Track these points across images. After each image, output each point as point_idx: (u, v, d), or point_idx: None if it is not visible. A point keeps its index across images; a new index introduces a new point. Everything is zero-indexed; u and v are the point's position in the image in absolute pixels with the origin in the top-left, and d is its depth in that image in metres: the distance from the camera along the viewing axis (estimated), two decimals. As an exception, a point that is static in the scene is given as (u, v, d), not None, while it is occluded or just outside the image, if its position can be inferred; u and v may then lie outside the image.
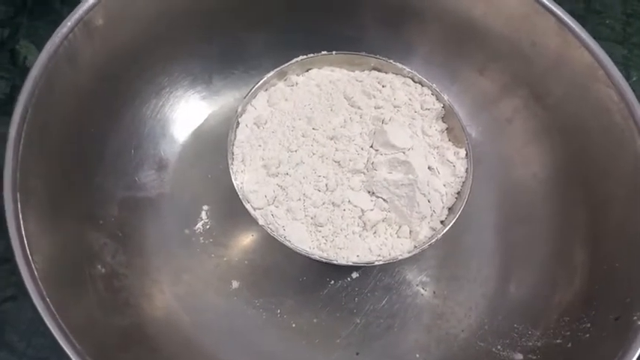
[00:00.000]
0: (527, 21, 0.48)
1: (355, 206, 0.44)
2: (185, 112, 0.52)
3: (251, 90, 0.46)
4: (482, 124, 0.53)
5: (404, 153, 0.44)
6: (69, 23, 0.41)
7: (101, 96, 0.45)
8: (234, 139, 0.46)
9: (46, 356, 0.46)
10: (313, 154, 0.45)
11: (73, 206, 0.43)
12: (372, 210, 0.44)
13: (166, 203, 0.49)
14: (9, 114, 0.52)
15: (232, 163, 0.45)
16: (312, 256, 0.43)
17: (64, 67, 0.41)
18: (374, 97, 0.47)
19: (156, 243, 0.48)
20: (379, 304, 0.48)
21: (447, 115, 0.48)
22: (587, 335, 0.40)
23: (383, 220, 0.44)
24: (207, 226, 0.49)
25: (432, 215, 0.44)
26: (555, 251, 0.47)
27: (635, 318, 0.37)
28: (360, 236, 0.44)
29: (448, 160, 0.46)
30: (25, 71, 0.55)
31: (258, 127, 0.46)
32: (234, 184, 0.44)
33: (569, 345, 0.41)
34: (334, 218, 0.43)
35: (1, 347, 0.46)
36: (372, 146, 0.45)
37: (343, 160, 0.44)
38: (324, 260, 0.43)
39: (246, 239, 0.50)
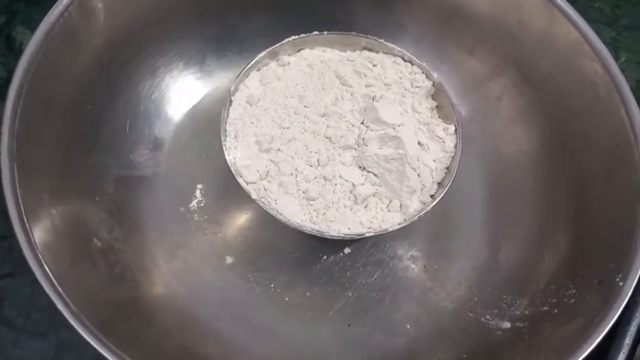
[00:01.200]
0: (514, 0, 0.49)
1: (346, 181, 0.45)
2: (180, 93, 0.52)
3: (243, 69, 0.47)
4: (472, 102, 0.54)
5: (394, 129, 0.45)
6: (64, 2, 0.42)
7: (97, 74, 0.46)
8: (227, 117, 0.46)
9: (45, 331, 0.47)
10: (305, 130, 0.46)
11: (70, 182, 0.44)
12: (362, 184, 0.45)
13: (161, 182, 0.50)
14: (6, 98, 0.54)
15: (225, 140, 0.46)
16: (304, 229, 0.44)
17: (59, 45, 0.42)
18: (365, 75, 0.48)
19: (151, 220, 0.49)
20: (371, 278, 0.49)
21: (437, 93, 0.48)
22: (573, 300, 0.41)
23: (374, 195, 0.45)
24: (202, 204, 0.50)
25: (422, 189, 0.45)
26: (542, 223, 0.47)
27: (617, 280, 0.38)
28: (351, 210, 0.45)
29: (438, 136, 0.47)
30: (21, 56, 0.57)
31: (251, 106, 0.47)
32: (227, 159, 0.45)
33: (555, 311, 0.42)
34: (326, 192, 0.44)
35: (0, 323, 0.47)
36: (362, 123, 0.46)
37: (334, 137, 0.45)
38: (315, 233, 0.43)
39: (240, 217, 0.50)
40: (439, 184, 0.46)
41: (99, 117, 0.47)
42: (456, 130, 0.47)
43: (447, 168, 0.46)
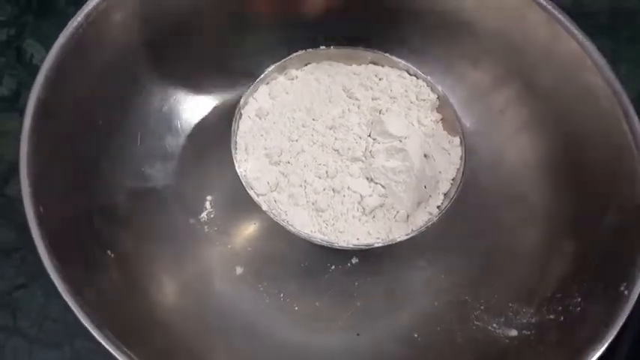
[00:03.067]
0: (518, 14, 0.49)
1: (354, 192, 0.46)
2: (190, 106, 0.53)
3: (253, 83, 0.48)
4: (476, 115, 0.54)
5: (400, 141, 0.46)
6: (79, 19, 0.43)
7: (110, 91, 0.47)
8: (237, 129, 0.47)
9: (58, 341, 0.48)
10: (313, 143, 0.47)
11: (84, 195, 0.45)
12: (370, 196, 0.46)
13: (172, 194, 0.51)
14: (16, 110, 0.54)
15: (235, 152, 0.47)
16: (314, 240, 0.44)
17: (73, 61, 0.43)
18: (371, 89, 0.49)
19: (163, 232, 0.49)
20: (379, 287, 0.49)
21: (442, 106, 0.49)
22: (579, 309, 0.42)
23: (381, 206, 0.46)
24: (212, 216, 0.51)
25: (428, 200, 0.46)
26: (547, 232, 0.48)
27: (622, 288, 0.39)
28: (359, 221, 0.45)
29: (443, 148, 0.48)
30: (31, 68, 0.57)
31: (260, 119, 0.48)
32: (238, 172, 0.46)
33: (562, 319, 0.42)
34: (334, 204, 0.45)
35: (13, 333, 0.48)
36: (369, 135, 0.47)
37: (342, 149, 0.46)
38: (325, 244, 0.44)
39: (249, 227, 0.51)
40: (445, 194, 0.47)
41: (111, 130, 0.47)
42: (461, 142, 0.48)
43: (453, 179, 0.47)
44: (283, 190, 0.46)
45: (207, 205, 0.52)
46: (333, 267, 0.50)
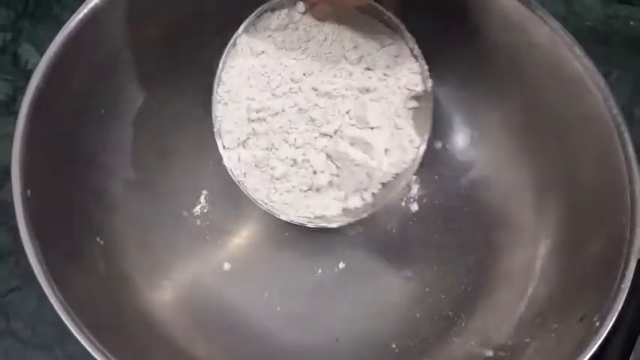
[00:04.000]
0: (523, 31, 0.49)
1: (311, 166, 0.46)
2: (188, 100, 0.53)
3: (259, 8, 0.44)
4: (477, 128, 0.54)
5: (372, 129, 0.46)
6: (80, 16, 0.43)
7: (108, 85, 0.47)
8: (225, 65, 0.45)
9: (51, 344, 0.49)
10: (295, 104, 0.45)
11: (79, 181, 0.45)
12: (322, 172, 0.46)
13: (167, 186, 0.51)
14: (12, 114, 0.54)
15: (217, 91, 0.45)
16: (261, 206, 0.46)
17: (68, 61, 0.43)
18: (369, 54, 0.46)
19: (154, 223, 0.50)
20: (363, 294, 0.50)
21: (424, 98, 0.47)
22: (553, 335, 0.42)
23: (329, 184, 0.47)
24: (205, 210, 0.52)
25: (366, 190, 0.47)
26: (533, 257, 0.48)
27: (594, 320, 0.39)
28: (304, 194, 0.47)
29: (403, 145, 0.47)
30: (26, 74, 0.56)
31: (253, 57, 0.45)
32: (213, 116, 0.45)
33: (537, 343, 0.42)
34: (290, 174, 0.46)
35: (7, 335, 0.49)
36: (347, 113, 0.46)
37: (318, 120, 0.45)
38: (269, 211, 0.46)
39: (242, 225, 0.52)
40: (383, 184, 0.47)
41: (109, 120, 0.48)
42: (420, 144, 0.47)
43: (397, 174, 0.47)
44: (250, 148, 0.45)
45: (202, 199, 0.52)
46: (320, 270, 0.51)
